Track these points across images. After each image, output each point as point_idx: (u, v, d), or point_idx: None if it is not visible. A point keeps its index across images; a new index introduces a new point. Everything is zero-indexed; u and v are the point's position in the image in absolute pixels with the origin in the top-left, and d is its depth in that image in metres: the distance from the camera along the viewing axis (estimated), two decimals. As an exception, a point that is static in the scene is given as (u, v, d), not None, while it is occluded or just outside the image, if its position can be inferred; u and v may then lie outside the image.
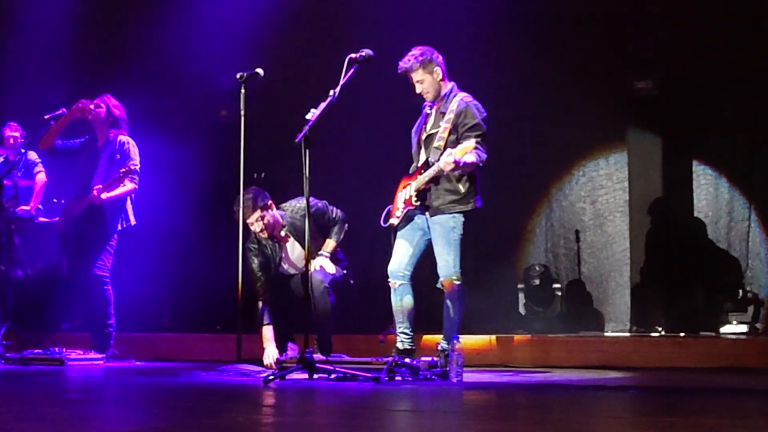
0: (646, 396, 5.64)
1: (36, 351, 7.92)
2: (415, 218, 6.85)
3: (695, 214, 9.22)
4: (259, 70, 7.39)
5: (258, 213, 7.34)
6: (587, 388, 6.00)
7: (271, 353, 7.24)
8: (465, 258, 6.76)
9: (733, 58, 8.98)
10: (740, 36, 8.87)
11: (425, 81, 6.81)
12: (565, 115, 9.23)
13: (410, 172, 6.96)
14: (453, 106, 6.75)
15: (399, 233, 6.92)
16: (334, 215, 7.43)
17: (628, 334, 8.61)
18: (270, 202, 7.39)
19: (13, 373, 7.26)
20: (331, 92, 6.46)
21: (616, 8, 9.07)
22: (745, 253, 9.10)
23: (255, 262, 7.43)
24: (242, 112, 7.28)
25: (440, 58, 6.84)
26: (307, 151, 6.55)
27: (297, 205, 7.45)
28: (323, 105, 6.48)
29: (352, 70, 6.57)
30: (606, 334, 8.82)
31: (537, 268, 9.35)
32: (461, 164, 6.43)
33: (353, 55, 6.61)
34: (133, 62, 10.15)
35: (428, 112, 6.94)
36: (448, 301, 6.74)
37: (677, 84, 9.18)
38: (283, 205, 7.51)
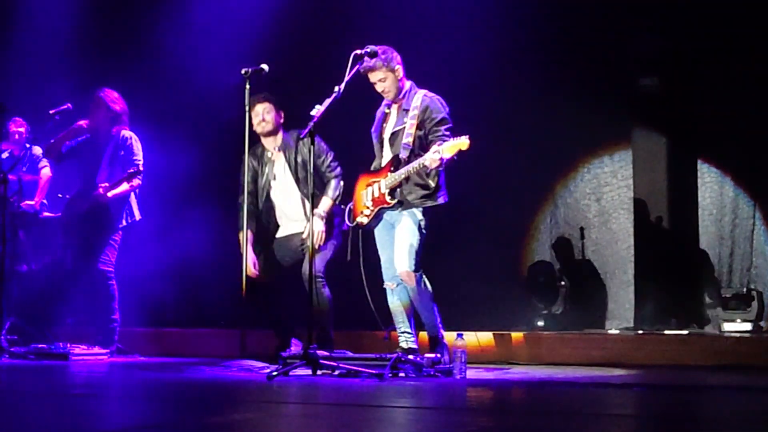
0: (650, 394, 5.64)
1: (40, 346, 7.94)
2: (385, 215, 6.89)
3: (700, 212, 9.21)
4: (264, 66, 7.40)
5: (267, 106, 7.42)
6: (591, 386, 6.00)
7: (250, 258, 7.37)
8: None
9: (739, 56, 8.95)
10: (747, 34, 8.84)
11: (387, 79, 6.84)
12: (570, 112, 9.20)
13: (372, 169, 6.99)
14: (416, 102, 6.79)
15: (377, 235, 6.98)
16: (329, 162, 7.36)
17: (632, 332, 8.59)
18: (282, 113, 7.47)
19: (17, 367, 7.28)
20: (336, 88, 6.47)
21: (621, 5, 9.05)
22: (749, 251, 9.08)
23: (248, 173, 7.43)
24: (247, 108, 7.28)
25: (399, 57, 6.87)
26: (312, 147, 6.57)
27: (297, 132, 7.38)
28: (328, 101, 6.49)
29: (357, 66, 6.58)
30: (610, 331, 8.80)
31: (541, 266, 9.34)
32: (444, 161, 6.44)
33: (358, 51, 6.62)
34: (138, 56, 10.13)
35: (387, 111, 6.97)
36: (416, 293, 6.75)
37: (682, 81, 9.16)
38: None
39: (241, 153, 7.38)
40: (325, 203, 7.34)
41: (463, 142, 6.40)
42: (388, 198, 6.74)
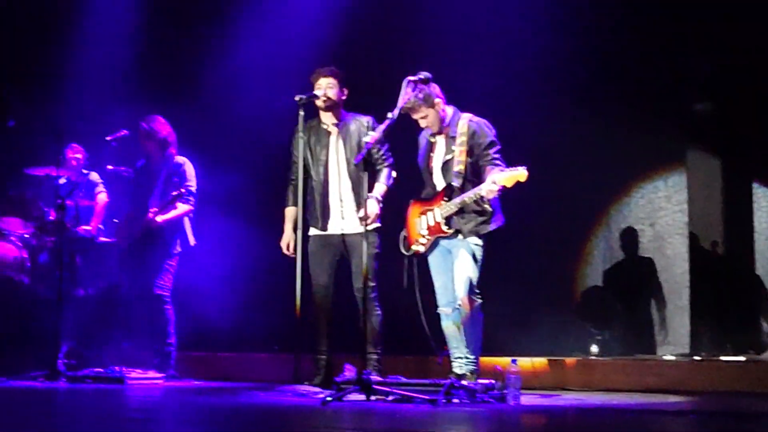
0: (706, 421, 5.58)
1: (97, 370, 8.01)
2: (440, 242, 6.88)
3: (755, 236, 9.12)
4: (318, 92, 7.43)
5: (332, 81, 7.41)
6: (646, 413, 5.96)
7: (288, 235, 7.40)
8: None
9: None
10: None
11: (429, 116, 6.84)
12: (624, 136, 9.16)
13: (423, 197, 6.98)
14: (462, 128, 6.78)
15: (432, 261, 6.97)
16: (383, 152, 7.33)
17: (687, 358, 8.51)
18: (345, 91, 7.48)
19: (74, 391, 7.36)
20: (390, 114, 6.48)
21: (675, 28, 9.01)
22: (805, 277, 8.98)
23: (299, 145, 7.36)
24: (300, 134, 7.31)
25: (437, 88, 6.86)
26: (366, 172, 6.59)
27: (363, 117, 7.46)
28: (382, 127, 6.52)
29: (408, 90, 6.58)
30: (665, 357, 8.72)
31: (595, 291, 9.29)
32: (501, 191, 6.45)
33: (411, 78, 6.64)
34: (193, 83, 10.23)
35: (432, 140, 6.95)
36: (469, 319, 6.74)
37: (736, 104, 9.10)
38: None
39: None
40: (380, 188, 7.29)
41: (521, 174, 6.39)
42: (444, 227, 6.75)
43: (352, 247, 7.36)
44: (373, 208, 7.12)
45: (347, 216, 7.40)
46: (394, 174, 7.36)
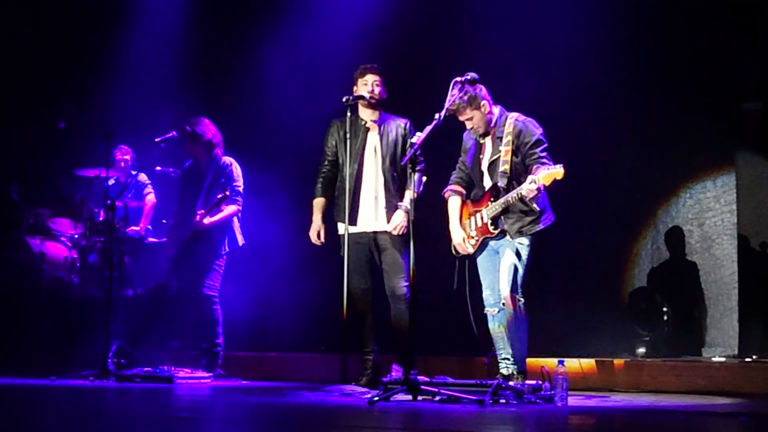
0: (757, 423, 5.54)
1: (146, 369, 8.08)
2: (488, 243, 6.89)
3: (805, 238, 9.03)
4: (365, 94, 7.46)
5: (378, 78, 7.52)
6: (695, 414, 5.91)
7: (316, 225, 7.49)
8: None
9: None
10: None
11: (474, 117, 6.83)
12: (673, 136, 9.11)
13: (473, 198, 6.98)
14: (509, 128, 6.76)
15: (480, 262, 6.97)
16: (418, 155, 6.94)
17: (736, 360, 8.44)
18: (386, 90, 7.56)
19: (124, 390, 7.43)
20: (437, 115, 6.48)
21: (725, 27, 8.94)
22: None
23: (334, 138, 7.55)
24: (347, 135, 7.34)
25: (483, 89, 6.84)
26: (413, 173, 6.60)
27: (401, 119, 7.57)
28: (429, 128, 6.51)
29: (456, 93, 6.59)
30: (714, 359, 8.65)
31: (643, 291, 9.23)
32: (542, 190, 6.43)
33: (458, 79, 6.64)
34: (241, 84, 10.31)
35: (481, 141, 6.95)
36: (514, 320, 6.71)
37: (787, 104, 9.03)
38: None
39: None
40: (408, 197, 7.27)
41: (558, 171, 6.37)
42: (491, 228, 6.75)
43: (383, 246, 7.39)
44: (399, 219, 7.24)
45: (380, 214, 7.42)
46: (424, 179, 7.34)
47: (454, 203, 7.08)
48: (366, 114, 7.55)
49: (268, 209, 9.62)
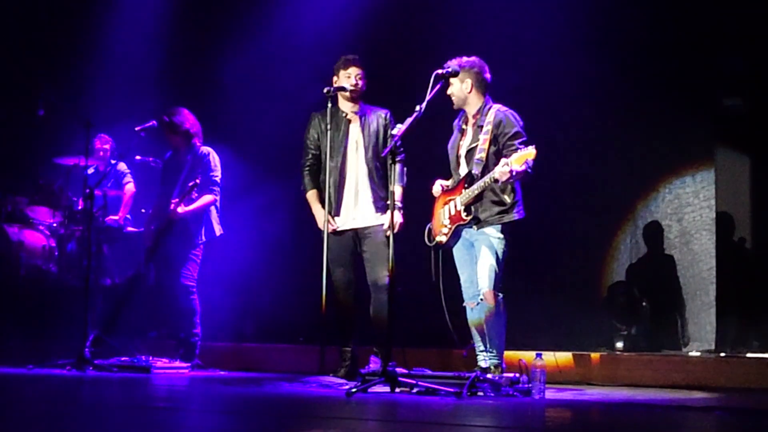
0: (732, 418, 5.56)
1: (123, 359, 8.06)
2: (463, 233, 6.88)
3: (783, 233, 9.07)
4: (346, 85, 7.46)
5: (361, 72, 7.52)
6: (671, 409, 5.94)
7: (321, 214, 7.37)
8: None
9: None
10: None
11: (454, 85, 6.91)
12: (652, 131, 9.14)
13: (449, 187, 6.99)
14: (490, 117, 6.80)
15: (457, 254, 6.97)
16: (398, 146, 7.07)
17: (713, 354, 8.48)
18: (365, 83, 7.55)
19: (101, 379, 7.41)
20: (417, 107, 6.48)
21: (705, 23, 8.97)
22: (833, 273, 8.93)
23: (316, 131, 7.55)
24: (328, 127, 7.33)
25: (482, 75, 6.94)
26: (393, 165, 6.60)
27: (381, 110, 7.59)
28: (409, 120, 6.51)
29: (438, 86, 6.59)
30: (691, 353, 8.69)
31: (621, 286, 9.26)
32: (514, 174, 6.42)
33: (439, 71, 6.64)
34: (221, 73, 10.28)
35: (464, 127, 6.96)
36: (493, 315, 6.71)
37: (766, 101, 9.04)
38: None
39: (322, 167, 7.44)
40: (398, 191, 7.32)
41: (529, 152, 6.38)
42: (463, 215, 6.74)
43: (365, 237, 7.40)
44: (399, 219, 7.27)
45: (363, 205, 7.42)
46: (405, 169, 7.38)
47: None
48: (346, 106, 7.55)
49: (248, 200, 9.60)
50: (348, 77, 7.48)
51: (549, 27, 9.15)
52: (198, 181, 8.14)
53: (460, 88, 6.90)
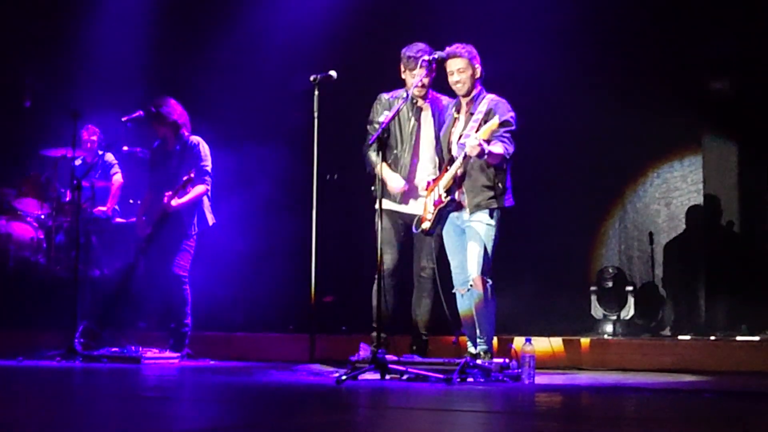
0: (721, 400, 5.58)
1: (113, 349, 8.04)
2: (455, 220, 6.85)
3: (771, 217, 9.10)
4: (332, 73, 7.42)
5: (425, 71, 7.08)
6: (661, 392, 5.96)
7: (394, 176, 7.17)
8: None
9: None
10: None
11: (465, 72, 6.79)
12: (640, 116, 9.14)
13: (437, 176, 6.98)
14: (482, 107, 6.75)
15: (447, 240, 6.94)
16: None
17: (702, 338, 8.50)
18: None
19: (91, 370, 7.40)
20: (404, 94, 6.48)
21: (693, 9, 8.97)
22: (821, 256, 8.95)
23: (383, 110, 7.19)
24: (316, 114, 7.31)
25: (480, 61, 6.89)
26: (380, 152, 6.59)
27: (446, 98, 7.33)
28: (397, 106, 6.51)
29: (424, 73, 6.58)
30: (680, 337, 8.72)
31: (610, 271, 9.25)
32: (486, 151, 6.38)
33: (426, 58, 6.63)
34: (208, 63, 10.25)
35: (456, 116, 6.92)
36: (482, 301, 6.71)
37: (754, 85, 9.06)
38: None
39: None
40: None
41: (493, 123, 6.39)
42: (443, 197, 6.71)
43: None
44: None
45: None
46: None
47: None
48: (419, 95, 7.31)
49: (238, 189, 9.58)
50: (415, 73, 7.11)
51: (536, 13, 9.15)
52: (192, 175, 8.10)
53: (472, 75, 6.81)
